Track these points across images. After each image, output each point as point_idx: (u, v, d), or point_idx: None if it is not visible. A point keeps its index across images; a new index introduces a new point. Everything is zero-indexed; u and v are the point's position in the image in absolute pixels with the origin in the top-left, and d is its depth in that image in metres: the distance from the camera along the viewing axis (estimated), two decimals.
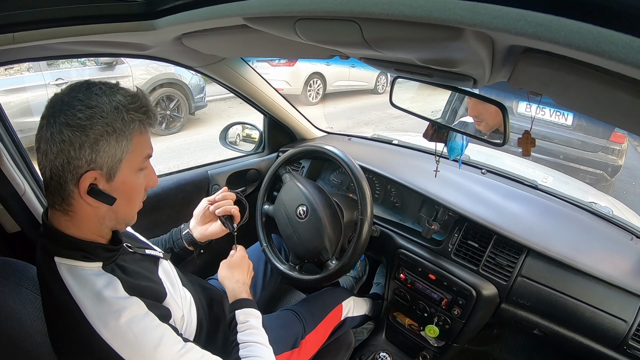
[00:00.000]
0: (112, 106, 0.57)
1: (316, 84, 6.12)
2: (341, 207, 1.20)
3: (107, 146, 0.57)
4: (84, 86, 0.59)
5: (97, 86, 0.59)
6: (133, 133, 0.60)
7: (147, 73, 4.21)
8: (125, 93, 0.60)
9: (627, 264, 1.05)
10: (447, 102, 1.00)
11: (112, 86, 0.60)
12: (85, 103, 0.56)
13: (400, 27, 0.42)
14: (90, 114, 0.56)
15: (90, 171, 0.57)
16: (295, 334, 1.04)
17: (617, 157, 3.37)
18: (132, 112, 0.59)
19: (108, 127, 0.57)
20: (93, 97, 0.57)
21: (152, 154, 0.66)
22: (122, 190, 0.62)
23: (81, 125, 0.55)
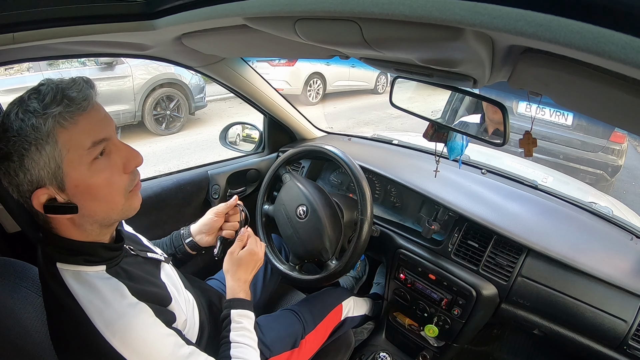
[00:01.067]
0: (18, 119, 0.53)
1: (316, 84, 6.12)
2: (341, 207, 1.20)
3: (32, 161, 0.53)
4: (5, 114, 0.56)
5: (15, 108, 0.55)
6: (51, 133, 0.53)
7: (147, 73, 4.21)
8: (37, 96, 0.55)
9: (627, 264, 1.05)
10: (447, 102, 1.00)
11: (24, 98, 0.55)
12: (1, 130, 0.54)
13: (400, 27, 0.42)
14: (5, 138, 0.53)
15: (36, 190, 0.55)
16: (295, 334, 1.04)
17: (617, 157, 3.37)
18: (41, 113, 0.53)
19: (23, 142, 0.53)
20: (7, 121, 0.54)
21: (103, 137, 0.58)
22: (81, 193, 0.57)
23: (4, 154, 0.53)
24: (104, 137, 0.58)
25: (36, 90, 0.56)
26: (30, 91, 0.56)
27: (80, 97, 0.56)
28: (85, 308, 0.57)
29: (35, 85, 0.57)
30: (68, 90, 0.55)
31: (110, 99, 4.02)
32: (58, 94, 0.54)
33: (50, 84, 0.56)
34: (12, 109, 0.54)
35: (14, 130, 0.53)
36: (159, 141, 4.37)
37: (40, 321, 0.70)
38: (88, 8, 0.64)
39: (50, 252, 0.60)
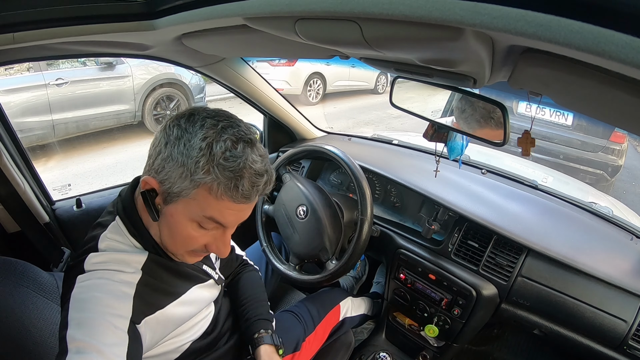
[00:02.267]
0: (198, 142, 0.55)
1: (316, 84, 6.12)
2: (341, 207, 1.20)
3: (172, 172, 0.57)
4: (208, 114, 0.59)
5: (219, 120, 0.58)
6: (200, 184, 0.56)
7: (147, 73, 4.20)
8: (228, 145, 0.56)
9: (627, 264, 1.05)
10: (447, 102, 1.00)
11: (226, 129, 0.57)
12: (187, 124, 0.57)
13: (400, 27, 0.42)
14: (178, 135, 0.57)
15: (152, 178, 0.59)
16: (297, 337, 1.04)
17: (617, 157, 3.37)
18: (215, 166, 0.55)
19: (181, 156, 0.55)
20: (198, 125, 0.57)
21: (223, 224, 0.61)
22: (168, 220, 0.61)
23: (169, 138, 0.57)
24: (224, 224, 0.61)
25: (236, 144, 0.57)
26: (237, 131, 0.58)
27: (245, 192, 0.57)
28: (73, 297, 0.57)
29: (245, 129, 0.60)
30: (247, 174, 0.57)
31: (110, 99, 4.01)
32: (238, 174, 0.56)
33: (250, 162, 0.57)
34: (210, 127, 0.57)
35: (188, 142, 0.56)
36: None
37: (40, 320, 0.70)
38: (88, 8, 0.64)
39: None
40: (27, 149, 1.15)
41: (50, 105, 3.62)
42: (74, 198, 1.26)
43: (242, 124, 0.61)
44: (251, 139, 0.59)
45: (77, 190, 1.42)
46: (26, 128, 3.50)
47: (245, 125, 0.61)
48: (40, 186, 1.19)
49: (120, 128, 4.31)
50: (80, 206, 1.25)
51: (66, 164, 3.75)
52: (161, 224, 0.62)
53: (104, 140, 4.16)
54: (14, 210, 1.07)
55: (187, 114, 0.60)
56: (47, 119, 3.64)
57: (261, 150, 0.61)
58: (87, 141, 4.08)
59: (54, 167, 3.66)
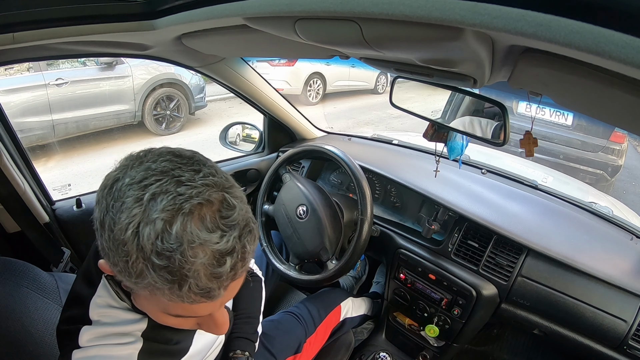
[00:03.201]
0: (121, 233, 0.38)
1: (316, 84, 6.12)
2: (341, 207, 1.20)
3: (112, 266, 0.42)
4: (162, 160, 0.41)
5: (148, 185, 0.39)
6: (141, 287, 0.41)
7: (147, 73, 4.20)
8: (159, 228, 0.38)
9: (627, 264, 1.05)
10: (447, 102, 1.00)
11: (156, 199, 0.38)
12: (109, 198, 0.40)
13: (400, 27, 0.42)
14: (101, 218, 0.40)
15: (106, 264, 0.44)
16: (298, 339, 1.04)
17: (617, 157, 3.37)
18: (147, 264, 0.38)
19: (110, 252, 0.40)
20: (120, 199, 0.39)
21: (194, 316, 0.47)
22: (141, 304, 0.50)
23: (95, 221, 0.42)
24: (200, 316, 0.48)
25: (177, 209, 0.38)
26: (175, 197, 0.38)
27: (201, 292, 0.40)
28: None
29: (194, 178, 0.40)
30: (195, 270, 0.38)
31: (110, 99, 4.01)
32: (179, 267, 0.38)
33: (189, 229, 0.38)
34: (142, 205, 0.38)
35: (115, 222, 0.39)
36: (159, 141, 4.37)
37: (40, 320, 0.70)
38: (88, 8, 0.64)
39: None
40: (27, 149, 1.15)
41: (50, 105, 3.62)
42: (74, 198, 1.26)
43: (191, 169, 0.41)
44: (204, 200, 0.39)
45: (77, 190, 1.42)
46: (26, 128, 3.50)
47: (197, 168, 0.41)
48: (40, 186, 1.19)
49: (120, 128, 4.31)
50: (80, 206, 1.25)
51: (66, 164, 3.75)
52: (138, 305, 0.50)
53: (104, 140, 4.16)
54: (14, 210, 1.07)
55: (111, 177, 0.42)
56: (47, 119, 3.64)
57: (226, 207, 0.40)
58: (87, 141, 4.08)
59: (54, 167, 3.66)
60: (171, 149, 0.45)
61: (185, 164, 0.42)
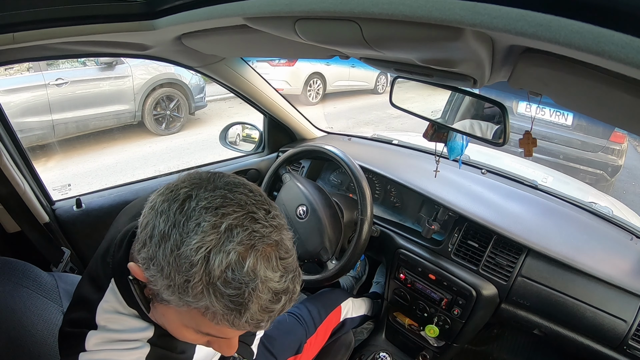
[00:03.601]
0: (190, 253, 0.39)
1: (316, 84, 6.11)
2: (341, 207, 1.20)
3: (157, 278, 0.43)
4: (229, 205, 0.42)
5: (226, 215, 0.41)
6: (192, 307, 0.42)
7: (147, 73, 4.21)
8: (232, 260, 0.40)
9: (627, 264, 1.05)
10: (447, 102, 1.00)
11: (232, 231, 0.40)
12: (180, 215, 0.41)
13: (400, 27, 0.42)
14: (165, 231, 0.41)
15: (139, 268, 0.45)
16: (299, 339, 1.03)
17: (617, 157, 3.37)
18: (210, 288, 0.40)
19: (167, 265, 0.41)
20: (193, 221, 0.41)
21: (222, 337, 0.50)
22: (160, 315, 0.50)
23: (154, 230, 0.42)
24: (227, 338, 0.50)
25: (251, 246, 0.41)
26: (250, 234, 0.41)
27: (252, 322, 0.43)
28: None
29: (266, 221, 0.43)
30: (256, 303, 0.41)
31: (110, 99, 4.01)
32: (245, 298, 0.40)
33: (259, 266, 0.41)
34: (217, 234, 0.40)
35: (184, 241, 0.40)
36: (159, 141, 4.37)
37: (40, 320, 0.70)
38: (88, 8, 0.64)
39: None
40: (27, 149, 1.15)
41: (50, 105, 3.62)
42: (74, 198, 1.26)
43: (263, 208, 0.44)
44: (273, 241, 0.43)
45: (77, 190, 1.42)
46: (26, 128, 3.50)
47: (267, 208, 0.45)
48: (40, 186, 1.19)
49: (120, 128, 4.31)
50: (80, 206, 1.25)
51: (66, 164, 3.75)
52: (155, 313, 0.51)
53: (104, 140, 4.16)
54: (14, 210, 1.07)
55: (181, 193, 0.43)
56: (47, 119, 3.64)
57: (285, 250, 0.44)
58: (87, 141, 4.08)
59: (54, 167, 3.66)
60: (242, 181, 0.47)
61: (257, 201, 0.45)
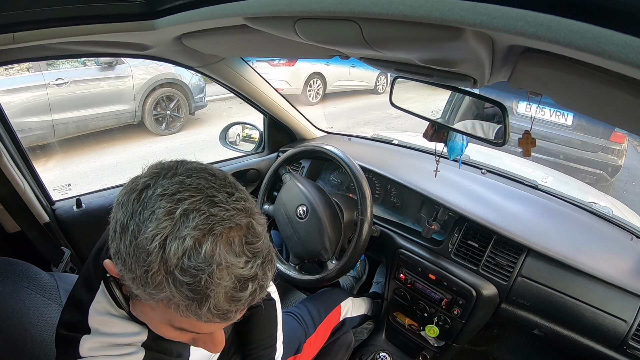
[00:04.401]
0: (146, 242, 0.38)
1: (316, 84, 6.12)
2: (341, 207, 1.20)
3: (123, 272, 0.42)
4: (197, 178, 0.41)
5: (182, 199, 0.39)
6: (156, 298, 0.40)
7: (147, 73, 4.21)
8: (188, 245, 0.38)
9: (627, 264, 1.05)
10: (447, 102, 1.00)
11: (188, 215, 0.39)
12: (137, 204, 0.40)
13: (400, 27, 0.42)
14: (124, 222, 0.40)
15: (113, 264, 0.45)
16: (298, 339, 1.03)
17: (617, 157, 3.37)
18: (169, 277, 0.38)
19: (128, 257, 0.40)
20: (149, 208, 0.40)
21: (197, 332, 0.47)
22: (140, 312, 0.49)
23: (116, 223, 0.41)
24: (203, 333, 0.48)
25: (208, 230, 0.39)
26: (208, 217, 0.39)
27: (218, 312, 0.40)
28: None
29: (228, 201, 0.41)
30: (217, 291, 0.39)
31: (110, 99, 4.01)
32: (203, 286, 0.38)
33: (217, 250, 0.39)
34: (172, 219, 0.38)
35: (141, 230, 0.39)
36: (159, 141, 4.37)
37: (40, 320, 0.70)
38: (88, 8, 0.64)
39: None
40: (27, 149, 1.15)
41: (50, 105, 3.62)
42: (74, 198, 1.26)
43: (225, 191, 0.42)
44: (235, 224, 0.40)
45: (77, 190, 1.42)
46: (26, 128, 3.50)
47: (230, 191, 0.42)
48: (40, 186, 1.19)
49: (120, 128, 4.31)
50: (80, 206, 1.25)
51: (66, 164, 3.75)
52: (136, 311, 0.49)
53: (104, 140, 4.16)
54: (14, 210, 1.07)
55: (140, 183, 0.42)
56: (47, 119, 3.64)
57: (252, 234, 0.42)
58: (87, 141, 4.08)
59: (54, 167, 3.66)
60: (204, 166, 0.45)
61: (219, 184, 0.42)
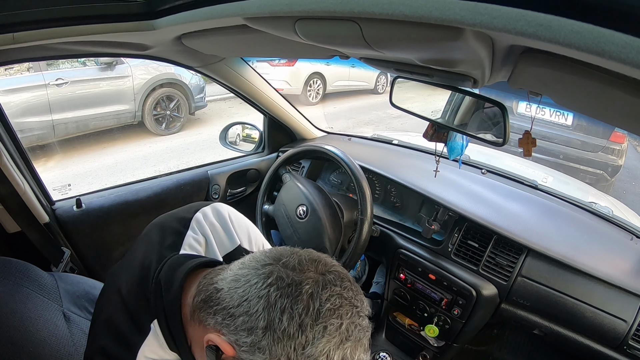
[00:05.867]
0: (316, 354, 0.43)
1: (316, 84, 6.12)
2: (341, 207, 1.20)
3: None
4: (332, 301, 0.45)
5: (342, 315, 0.45)
6: None
7: (147, 73, 4.21)
8: (347, 355, 0.44)
9: (627, 264, 1.05)
10: (447, 102, 1.00)
11: (348, 330, 0.45)
12: (306, 317, 0.43)
13: (400, 27, 0.42)
14: (290, 332, 0.43)
15: (230, 346, 0.47)
16: None
17: (617, 157, 3.37)
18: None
19: (285, 358, 0.43)
20: (320, 325, 0.44)
21: None
22: None
23: (274, 323, 0.44)
24: None
25: (358, 340, 0.46)
26: (359, 331, 0.46)
27: None
28: None
29: (363, 313, 0.48)
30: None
31: (110, 99, 4.01)
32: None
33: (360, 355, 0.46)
34: (339, 334, 0.44)
35: (311, 343, 0.43)
36: (159, 141, 4.37)
37: (40, 320, 0.70)
38: (88, 8, 0.64)
39: None
40: (27, 149, 1.15)
41: (50, 106, 3.62)
42: (74, 198, 1.26)
43: (360, 299, 0.48)
44: (367, 328, 0.47)
45: (77, 190, 1.42)
46: (26, 128, 3.50)
47: (361, 297, 0.49)
48: (40, 186, 1.19)
49: (120, 128, 4.31)
50: (80, 206, 1.25)
51: (66, 164, 3.75)
52: None
53: (104, 140, 4.16)
54: (14, 210, 1.07)
55: (304, 292, 0.45)
56: (47, 119, 3.64)
57: (368, 329, 0.48)
58: (87, 141, 4.08)
59: (54, 167, 3.67)
60: (342, 273, 0.49)
61: (356, 291, 0.49)
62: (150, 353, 0.52)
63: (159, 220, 0.66)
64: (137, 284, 0.56)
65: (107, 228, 1.29)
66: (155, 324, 0.52)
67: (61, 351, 0.68)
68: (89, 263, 1.30)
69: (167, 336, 0.52)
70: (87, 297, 0.83)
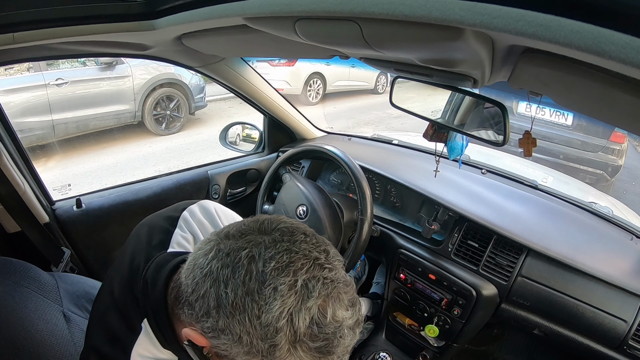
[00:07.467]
0: (274, 320, 0.39)
1: (316, 84, 6.11)
2: (341, 207, 1.20)
3: (230, 348, 0.42)
4: (280, 243, 0.42)
5: (298, 270, 0.40)
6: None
7: (147, 73, 4.20)
8: (315, 313, 0.40)
9: (627, 264, 1.05)
10: (447, 102, 1.00)
11: (308, 286, 0.40)
12: (251, 282, 0.40)
13: (400, 27, 0.42)
14: (238, 304, 0.40)
15: (202, 336, 0.45)
16: None
17: (617, 157, 3.37)
18: (297, 345, 0.40)
19: (247, 336, 0.40)
20: (268, 287, 0.40)
21: None
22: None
23: (221, 301, 0.41)
24: None
25: (328, 294, 0.41)
26: (325, 282, 0.41)
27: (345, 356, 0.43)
28: None
29: (331, 262, 0.43)
30: (339, 342, 0.41)
31: (110, 99, 4.01)
32: (331, 343, 0.41)
33: (337, 311, 0.41)
34: (296, 293, 0.40)
35: (263, 310, 0.40)
36: (159, 141, 4.37)
37: (40, 320, 0.70)
38: (88, 8, 0.64)
39: None
40: (27, 149, 1.15)
41: (50, 106, 3.62)
42: (74, 198, 1.26)
43: (322, 249, 0.44)
44: (342, 282, 0.43)
45: (77, 190, 1.42)
46: (26, 128, 3.50)
47: (325, 248, 0.44)
48: (40, 186, 1.19)
49: (120, 128, 4.31)
50: (80, 206, 1.25)
51: (66, 164, 3.75)
52: None
53: (104, 140, 4.16)
54: (14, 210, 1.07)
55: (242, 256, 0.41)
56: (47, 119, 3.64)
57: (346, 284, 0.44)
58: (87, 141, 4.08)
59: (54, 167, 3.66)
60: (295, 225, 0.46)
61: (315, 244, 0.44)
62: (144, 351, 0.52)
63: (147, 220, 0.65)
64: (127, 284, 0.55)
65: (107, 228, 1.29)
66: (145, 323, 0.52)
67: (61, 351, 0.68)
68: (89, 263, 1.30)
69: (158, 334, 0.51)
70: (87, 297, 0.83)
